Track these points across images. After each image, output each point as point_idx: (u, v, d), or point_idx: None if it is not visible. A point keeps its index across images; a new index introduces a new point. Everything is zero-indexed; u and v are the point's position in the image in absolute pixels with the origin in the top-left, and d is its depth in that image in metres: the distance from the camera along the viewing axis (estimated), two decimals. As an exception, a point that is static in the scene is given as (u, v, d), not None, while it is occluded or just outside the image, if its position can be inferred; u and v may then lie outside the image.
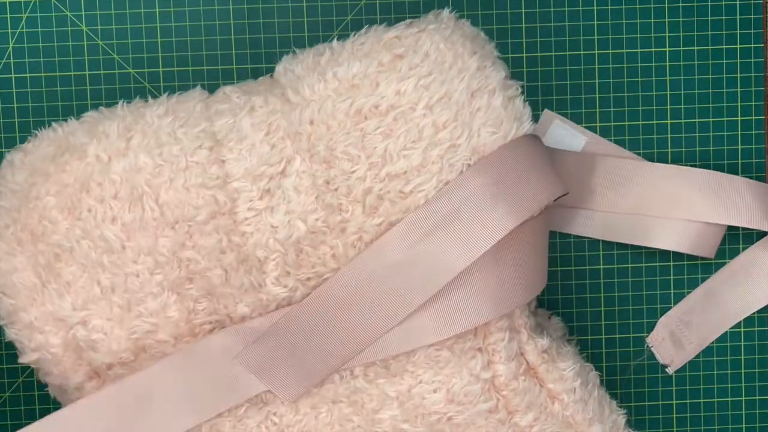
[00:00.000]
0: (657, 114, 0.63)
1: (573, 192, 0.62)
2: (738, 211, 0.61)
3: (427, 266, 0.52)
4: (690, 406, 0.64)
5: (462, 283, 0.53)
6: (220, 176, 0.53)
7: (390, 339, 0.53)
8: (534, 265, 0.55)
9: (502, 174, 0.53)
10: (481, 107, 0.53)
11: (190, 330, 0.54)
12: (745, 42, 0.63)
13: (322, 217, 0.53)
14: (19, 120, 0.61)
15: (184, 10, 0.61)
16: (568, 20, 0.62)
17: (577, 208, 0.62)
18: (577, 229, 0.63)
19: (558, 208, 0.63)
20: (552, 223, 0.63)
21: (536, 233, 0.55)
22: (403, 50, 0.53)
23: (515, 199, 0.53)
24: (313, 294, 0.53)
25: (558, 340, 0.57)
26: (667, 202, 0.61)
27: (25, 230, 0.53)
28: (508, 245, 0.54)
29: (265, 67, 0.62)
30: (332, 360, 0.53)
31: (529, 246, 0.54)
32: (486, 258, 0.53)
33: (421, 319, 0.53)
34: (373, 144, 0.53)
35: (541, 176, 0.53)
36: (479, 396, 0.54)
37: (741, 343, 0.64)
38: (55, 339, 0.53)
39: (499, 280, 0.53)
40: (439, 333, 0.53)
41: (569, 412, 0.56)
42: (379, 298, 0.53)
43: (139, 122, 0.53)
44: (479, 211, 0.52)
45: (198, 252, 0.53)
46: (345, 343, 0.53)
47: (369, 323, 0.53)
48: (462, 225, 0.52)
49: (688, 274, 0.64)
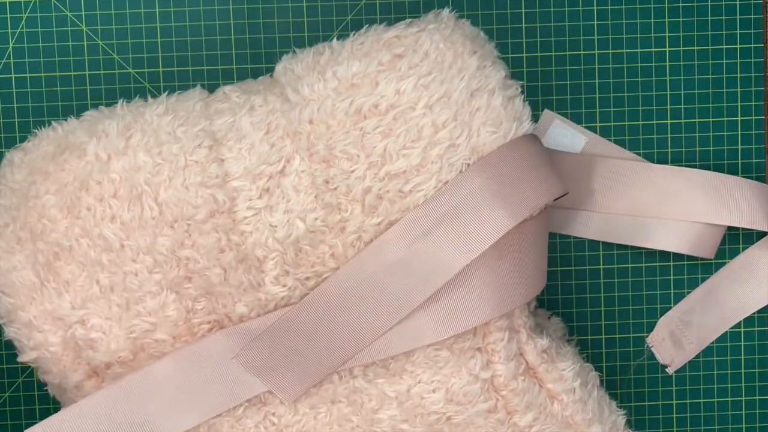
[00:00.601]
0: (657, 114, 0.63)
1: (572, 193, 0.62)
2: (738, 212, 0.61)
3: (426, 265, 0.52)
4: (690, 406, 0.64)
5: (462, 282, 0.53)
6: (220, 175, 0.53)
7: (389, 339, 0.53)
8: (534, 265, 0.54)
9: (501, 173, 0.53)
10: (480, 107, 0.53)
11: (189, 329, 0.54)
12: (745, 42, 0.63)
13: (321, 216, 0.53)
14: (19, 120, 0.62)
15: (184, 10, 0.61)
16: (568, 20, 0.62)
17: (577, 209, 0.62)
18: (577, 230, 0.63)
19: (557, 210, 0.63)
20: (551, 224, 0.63)
21: (536, 233, 0.55)
22: (403, 50, 0.53)
23: (515, 199, 0.53)
24: (312, 294, 0.53)
25: (558, 340, 0.57)
26: (667, 202, 0.61)
27: (25, 229, 0.53)
28: (508, 245, 0.54)
29: (265, 67, 0.62)
30: (331, 360, 0.53)
31: (529, 245, 0.54)
32: (486, 257, 0.53)
33: (420, 319, 0.53)
34: (373, 143, 0.53)
35: (541, 176, 0.53)
36: (478, 396, 0.54)
37: (741, 343, 0.64)
38: (54, 338, 0.53)
39: (498, 279, 0.53)
40: (439, 333, 0.53)
41: (569, 412, 0.55)
42: (379, 297, 0.53)
43: (139, 121, 0.53)
44: (478, 210, 0.52)
45: (197, 251, 0.53)
46: (344, 343, 0.53)
47: (368, 323, 0.53)
48: (461, 224, 0.52)
49: (688, 274, 0.64)
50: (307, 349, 0.53)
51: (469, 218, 0.52)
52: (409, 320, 0.53)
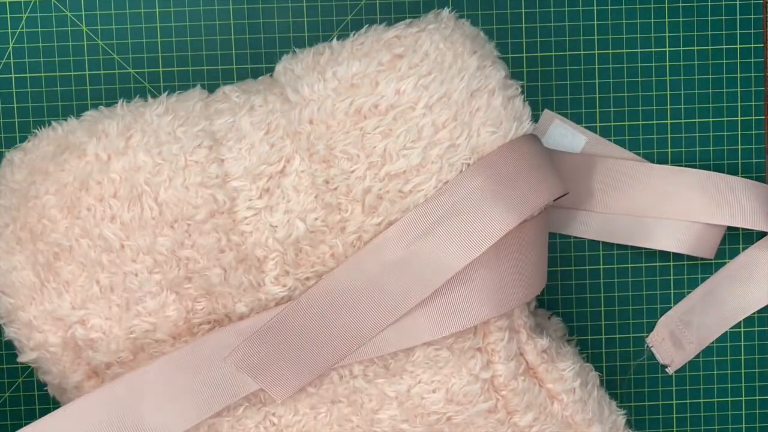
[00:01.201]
0: (657, 114, 0.63)
1: (572, 193, 0.62)
2: (737, 212, 0.61)
3: (426, 265, 0.52)
4: (690, 406, 0.64)
5: (461, 281, 0.53)
6: (219, 175, 0.53)
7: (386, 336, 0.53)
8: (534, 265, 0.54)
9: (501, 173, 0.53)
10: (480, 107, 0.53)
11: (189, 329, 0.54)
12: (745, 42, 0.63)
13: (321, 216, 0.53)
14: (19, 120, 0.61)
15: (184, 10, 0.61)
16: (568, 20, 0.62)
17: (576, 209, 0.62)
18: (577, 230, 0.63)
19: (557, 210, 0.63)
20: (551, 224, 0.63)
21: (536, 233, 0.54)
22: (403, 50, 0.53)
23: (515, 199, 0.53)
24: (309, 292, 0.53)
25: (558, 340, 0.57)
26: (666, 203, 0.61)
27: (25, 229, 0.53)
28: (508, 245, 0.54)
29: (265, 67, 0.62)
30: (327, 358, 0.53)
31: (529, 246, 0.54)
32: (486, 257, 0.53)
33: (418, 318, 0.53)
34: (373, 143, 0.53)
35: (541, 176, 0.53)
36: (478, 396, 0.54)
37: (741, 343, 0.64)
38: (54, 338, 0.53)
39: (498, 279, 0.53)
40: (436, 331, 0.53)
41: (569, 412, 0.55)
42: (377, 297, 0.53)
43: (139, 121, 0.53)
44: (479, 210, 0.52)
45: (197, 251, 0.53)
46: (340, 342, 0.53)
47: (365, 322, 0.53)
48: (461, 223, 0.52)
49: (688, 274, 0.64)
50: (301, 348, 0.53)
51: (469, 218, 0.52)
52: (407, 318, 0.53)
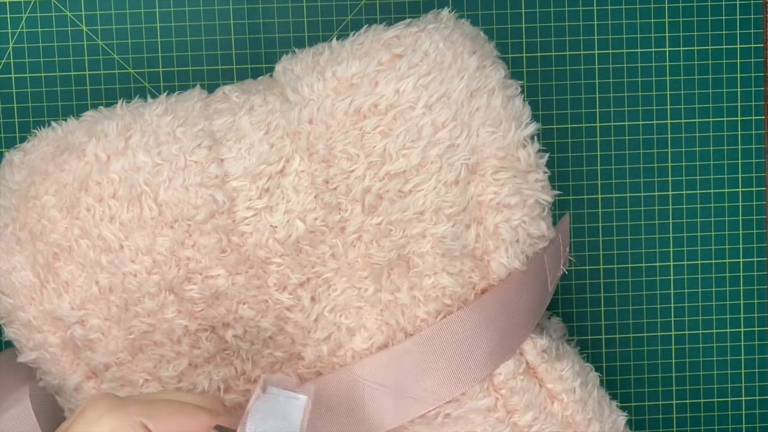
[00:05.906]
0: (657, 114, 0.63)
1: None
2: None
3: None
4: (690, 406, 0.64)
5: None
6: (219, 175, 0.52)
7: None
8: (536, 311, 0.55)
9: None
10: (480, 107, 0.53)
11: (187, 331, 0.53)
12: (745, 42, 0.63)
13: (321, 216, 0.53)
14: (19, 120, 0.62)
15: (184, 10, 0.61)
16: (568, 20, 0.62)
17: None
18: None
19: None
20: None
21: (537, 282, 0.55)
22: (403, 49, 0.53)
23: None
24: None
25: (558, 340, 0.57)
26: None
27: (24, 229, 0.53)
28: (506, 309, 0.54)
29: (265, 67, 0.62)
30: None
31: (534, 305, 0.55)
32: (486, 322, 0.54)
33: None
34: (372, 143, 0.53)
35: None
36: (477, 393, 0.54)
37: (741, 343, 0.64)
38: (53, 338, 0.53)
39: (501, 333, 0.54)
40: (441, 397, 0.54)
41: (569, 412, 0.55)
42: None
43: (138, 121, 0.53)
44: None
45: (198, 251, 0.53)
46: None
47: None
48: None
49: (688, 274, 0.64)
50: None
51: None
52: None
